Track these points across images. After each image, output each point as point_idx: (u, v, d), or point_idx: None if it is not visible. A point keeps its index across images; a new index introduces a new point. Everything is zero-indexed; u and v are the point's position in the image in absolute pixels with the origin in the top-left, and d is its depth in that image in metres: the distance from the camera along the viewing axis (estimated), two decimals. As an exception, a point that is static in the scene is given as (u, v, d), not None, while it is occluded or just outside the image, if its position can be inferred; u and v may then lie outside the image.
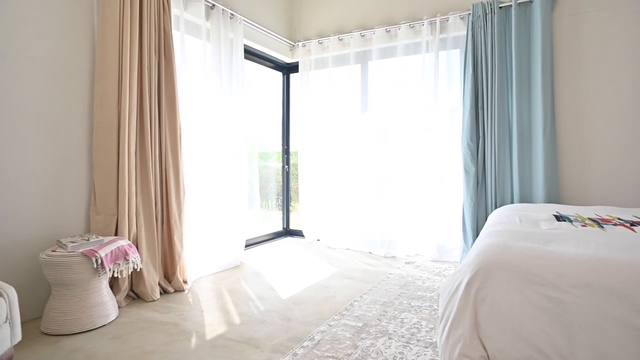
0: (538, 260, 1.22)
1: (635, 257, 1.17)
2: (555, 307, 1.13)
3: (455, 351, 1.20)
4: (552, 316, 1.13)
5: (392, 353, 1.74)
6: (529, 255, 1.25)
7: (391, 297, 2.45)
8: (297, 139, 4.34)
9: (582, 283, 1.13)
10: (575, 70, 3.02)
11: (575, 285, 1.13)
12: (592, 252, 1.24)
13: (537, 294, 1.16)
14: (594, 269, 1.14)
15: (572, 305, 1.11)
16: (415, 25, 3.54)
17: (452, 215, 3.38)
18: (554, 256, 1.23)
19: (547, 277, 1.17)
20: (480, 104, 3.19)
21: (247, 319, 2.15)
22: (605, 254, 1.22)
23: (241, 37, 3.46)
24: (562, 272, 1.17)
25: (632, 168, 2.84)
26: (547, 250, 1.29)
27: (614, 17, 2.88)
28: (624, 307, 1.05)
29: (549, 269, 1.19)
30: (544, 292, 1.16)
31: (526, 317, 1.16)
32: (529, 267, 1.20)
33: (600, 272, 1.13)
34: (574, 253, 1.25)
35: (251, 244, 3.95)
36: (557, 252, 1.27)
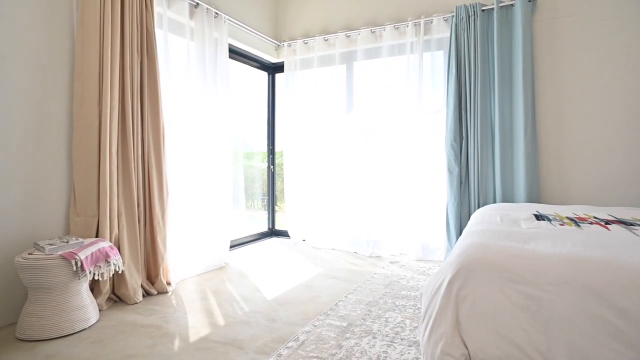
0: (517, 258, 1.25)
1: (608, 255, 1.21)
2: (534, 305, 1.16)
3: (437, 349, 1.22)
4: (530, 313, 1.15)
5: (376, 352, 1.76)
6: (509, 254, 1.27)
7: (376, 297, 2.46)
8: (283, 139, 4.33)
9: (558, 280, 1.15)
10: (554, 73, 3.09)
11: (552, 282, 1.16)
12: (568, 251, 1.28)
13: (516, 291, 1.19)
14: (570, 267, 1.17)
15: (549, 303, 1.14)
16: (399, 26, 3.58)
17: (436, 214, 3.42)
18: (533, 255, 1.26)
19: (526, 275, 1.19)
20: (463, 105, 3.24)
21: (232, 321, 2.14)
22: (581, 252, 1.26)
23: (226, 37, 3.44)
24: (539, 270, 1.19)
25: (609, 168, 2.92)
26: (526, 249, 1.32)
27: (590, 22, 2.96)
28: (598, 303, 1.08)
29: (528, 267, 1.21)
30: (523, 290, 1.18)
31: (505, 315, 1.18)
32: (509, 265, 1.23)
33: (575, 269, 1.16)
34: (551, 251, 1.28)
35: (236, 245, 3.92)
36: (535, 250, 1.29)
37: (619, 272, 1.10)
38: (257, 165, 4.72)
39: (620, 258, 1.18)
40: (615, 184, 2.90)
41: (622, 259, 1.17)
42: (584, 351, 1.06)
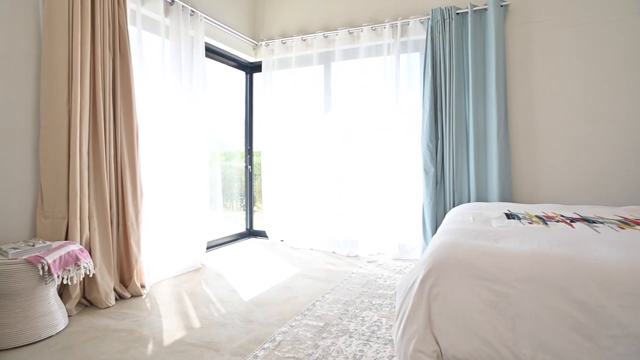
0: (486, 257, 1.28)
1: (571, 252, 1.26)
2: (501, 301, 1.19)
3: (409, 347, 1.24)
4: (498, 309, 1.19)
5: (352, 351, 1.77)
6: (479, 253, 1.31)
7: (353, 296, 2.48)
8: (261, 139, 4.31)
9: (525, 277, 1.19)
10: (525, 75, 3.19)
11: (519, 279, 1.19)
12: (534, 248, 1.32)
13: (485, 289, 1.22)
14: (535, 264, 1.21)
15: (516, 299, 1.18)
16: (377, 27, 3.61)
17: (413, 214, 3.47)
18: (501, 252, 1.30)
19: (494, 272, 1.23)
20: (439, 106, 3.30)
21: (207, 323, 2.11)
22: (546, 249, 1.30)
23: (202, 35, 3.39)
24: (507, 267, 1.23)
25: (576, 168, 3.04)
26: (495, 247, 1.36)
27: (559, 28, 3.07)
28: (560, 298, 1.13)
29: (496, 264, 1.25)
30: (491, 287, 1.21)
31: (475, 312, 1.21)
32: (478, 263, 1.26)
33: (541, 266, 1.20)
34: (519, 249, 1.32)
35: (213, 246, 3.87)
36: (504, 248, 1.33)
37: (580, 268, 1.15)
38: (236, 165, 4.68)
39: (581, 254, 1.23)
40: (582, 183, 3.02)
41: (583, 254, 1.22)
42: (547, 344, 1.10)
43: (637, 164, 2.86)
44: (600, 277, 1.12)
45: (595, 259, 1.19)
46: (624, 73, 2.90)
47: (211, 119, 3.78)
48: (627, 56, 2.89)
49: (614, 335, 1.03)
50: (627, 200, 2.87)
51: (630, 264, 1.11)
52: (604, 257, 1.21)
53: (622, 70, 2.90)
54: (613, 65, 2.93)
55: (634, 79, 2.87)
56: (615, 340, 1.03)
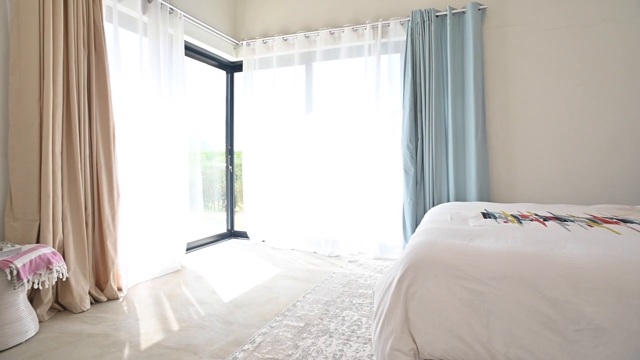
0: (462, 255, 1.31)
1: (543, 250, 1.30)
2: (476, 299, 1.22)
3: (387, 346, 1.25)
4: (473, 307, 1.21)
5: (332, 351, 1.78)
6: (455, 251, 1.33)
7: (333, 296, 2.49)
8: (242, 139, 4.27)
9: (498, 275, 1.22)
10: (502, 78, 3.26)
11: (493, 277, 1.22)
12: (508, 247, 1.35)
13: (461, 287, 1.24)
14: (509, 262, 1.24)
15: (490, 296, 1.20)
16: (358, 28, 3.63)
17: (394, 213, 3.51)
18: (476, 251, 1.33)
19: (469, 271, 1.25)
20: (419, 107, 3.34)
21: (186, 325, 2.08)
22: (519, 247, 1.34)
23: (182, 34, 3.34)
24: (482, 265, 1.26)
25: (551, 168, 3.13)
26: (471, 246, 1.39)
27: (535, 32, 3.16)
28: (532, 294, 1.16)
29: (471, 263, 1.27)
30: (467, 285, 1.24)
31: (451, 310, 1.23)
32: (454, 262, 1.28)
33: (514, 264, 1.23)
34: (493, 248, 1.35)
35: (193, 247, 3.82)
36: (479, 247, 1.36)
37: (550, 265, 1.18)
38: (217, 165, 4.63)
39: (552, 252, 1.27)
40: (556, 183, 3.11)
41: (553, 252, 1.26)
42: (519, 339, 1.13)
43: (608, 164, 2.97)
44: (568, 273, 1.15)
45: (565, 257, 1.23)
46: (595, 76, 3.00)
47: (191, 119, 3.73)
48: (598, 60, 2.99)
49: (580, 329, 1.07)
50: (597, 198, 2.97)
51: (596, 261, 1.15)
52: (572, 254, 1.25)
53: (593, 73, 3.01)
54: (585, 69, 3.03)
55: (605, 82, 2.98)
56: (582, 334, 1.06)
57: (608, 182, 2.97)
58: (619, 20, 2.93)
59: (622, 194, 2.92)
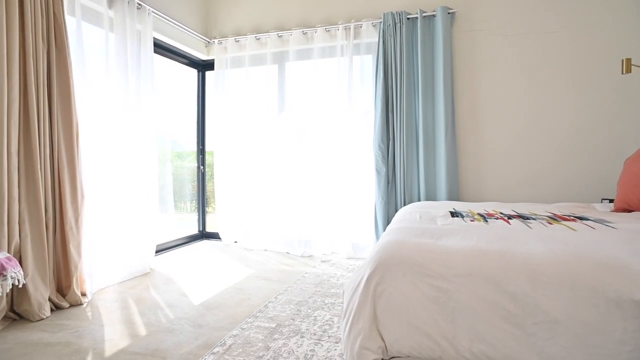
0: (429, 254, 1.33)
1: (505, 247, 1.34)
2: (442, 296, 1.25)
3: (356, 344, 1.26)
4: (439, 304, 1.24)
5: (303, 351, 1.77)
6: (422, 250, 1.36)
7: (305, 296, 2.49)
8: (213, 139, 4.21)
9: (463, 272, 1.25)
10: (470, 80, 3.36)
11: (458, 274, 1.25)
12: (473, 245, 1.39)
13: (428, 285, 1.27)
14: (473, 260, 1.28)
15: (455, 293, 1.23)
16: (330, 29, 3.65)
17: (366, 213, 3.54)
18: (443, 250, 1.36)
19: (436, 269, 1.28)
20: (390, 108, 3.39)
21: (154, 329, 2.03)
22: (483, 245, 1.38)
23: (150, 30, 3.25)
24: (448, 263, 1.29)
25: (516, 168, 3.25)
26: (438, 244, 1.42)
27: (500, 37, 3.27)
28: (494, 290, 1.19)
29: (438, 261, 1.30)
30: (433, 283, 1.26)
31: (418, 307, 1.25)
32: (421, 260, 1.31)
33: (477, 262, 1.27)
34: (459, 246, 1.39)
35: (163, 249, 3.73)
36: (445, 245, 1.39)
37: (511, 261, 1.23)
38: (188, 165, 4.53)
39: (513, 249, 1.31)
40: (521, 182, 3.23)
41: (515, 249, 1.31)
42: (482, 334, 1.17)
43: (567, 164, 3.11)
44: (528, 269, 1.20)
45: (525, 253, 1.28)
46: (558, 81, 3.14)
47: (161, 118, 3.65)
48: (560, 66, 3.13)
49: (538, 322, 1.11)
50: (559, 197, 3.11)
51: (552, 257, 1.20)
52: (532, 251, 1.29)
53: (556, 78, 3.14)
54: (548, 74, 3.16)
55: (566, 86, 3.12)
56: (539, 327, 1.11)
57: (568, 182, 3.11)
58: (575, 29, 3.07)
59: (581, 193, 3.07)
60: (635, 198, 2.08)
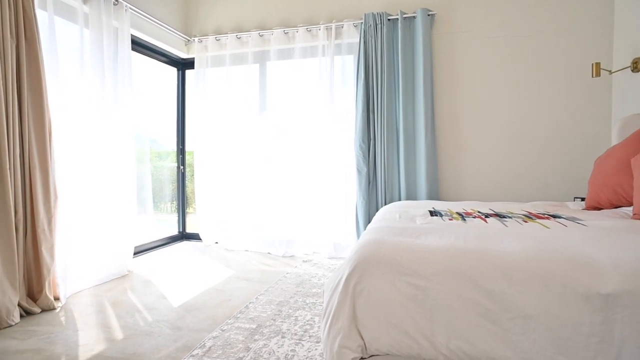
0: (407, 253, 1.35)
1: (482, 245, 1.37)
2: (420, 294, 1.26)
3: (335, 343, 1.26)
4: (417, 302, 1.25)
5: (284, 352, 1.77)
6: (400, 249, 1.37)
7: (287, 296, 2.48)
8: (194, 138, 4.15)
9: (441, 271, 1.27)
10: (450, 81, 3.42)
11: (436, 273, 1.27)
12: (451, 243, 1.41)
13: (406, 283, 1.28)
14: (450, 258, 1.30)
15: (433, 291, 1.25)
16: (312, 29, 3.65)
17: (347, 213, 3.56)
18: (421, 248, 1.37)
19: (414, 267, 1.29)
20: (371, 108, 3.42)
21: (132, 333, 1.98)
22: (460, 243, 1.40)
23: (128, 27, 3.18)
24: (426, 262, 1.30)
25: (494, 168, 3.32)
26: (416, 243, 1.43)
27: (479, 39, 3.34)
28: (471, 288, 1.22)
29: (416, 260, 1.31)
30: (411, 282, 1.28)
31: (396, 306, 1.26)
32: (400, 259, 1.32)
33: (455, 260, 1.29)
34: (437, 244, 1.40)
35: (142, 251, 3.65)
36: (423, 244, 1.41)
37: (488, 259, 1.25)
38: (168, 165, 4.45)
39: (490, 247, 1.34)
40: (498, 181, 3.31)
41: (491, 247, 1.34)
42: (459, 331, 1.19)
43: (542, 164, 3.21)
44: (503, 267, 1.23)
45: (501, 251, 1.31)
46: (531, 83, 3.23)
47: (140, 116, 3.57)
48: (535, 68, 3.22)
49: (512, 318, 1.14)
50: (534, 196, 3.20)
51: (527, 254, 1.23)
52: (507, 249, 1.32)
53: (531, 80, 3.23)
54: (523, 76, 3.24)
55: (541, 89, 3.21)
56: (514, 322, 1.13)
57: (543, 181, 3.20)
58: (549, 33, 3.17)
59: (555, 191, 3.16)
60: (604, 197, 2.16)
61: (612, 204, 2.14)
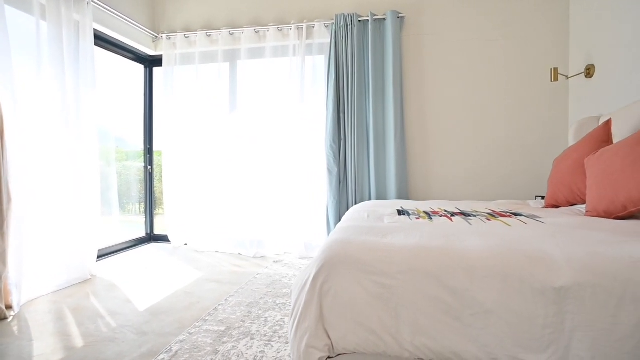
0: (374, 252, 1.36)
1: (446, 243, 1.40)
2: (386, 292, 1.28)
3: (302, 343, 1.26)
4: (383, 301, 1.27)
5: (253, 353, 1.75)
6: (367, 248, 1.38)
7: (257, 297, 2.46)
8: (162, 138, 4.04)
9: (406, 269, 1.29)
10: (418, 83, 3.49)
11: (401, 271, 1.29)
12: (416, 241, 1.44)
13: (372, 282, 1.30)
14: (415, 256, 1.32)
15: (398, 289, 1.27)
16: (283, 28, 3.63)
17: (318, 212, 3.57)
18: (387, 247, 1.39)
19: (380, 266, 1.31)
20: (342, 108, 3.44)
21: (93, 340, 1.91)
22: (426, 242, 1.43)
23: (90, 21, 3.06)
24: (392, 260, 1.32)
25: (460, 168, 3.42)
26: (382, 242, 1.45)
27: (446, 42, 3.43)
28: (435, 285, 1.24)
29: (382, 259, 1.33)
30: (377, 280, 1.29)
31: (363, 305, 1.27)
32: (366, 258, 1.33)
33: (420, 258, 1.31)
34: (403, 243, 1.43)
35: (107, 254, 3.52)
36: (390, 243, 1.43)
37: (451, 257, 1.28)
38: (135, 165, 4.31)
39: (454, 245, 1.37)
40: (465, 181, 3.41)
41: (455, 245, 1.37)
42: (424, 328, 1.21)
43: (505, 164, 3.33)
44: (466, 264, 1.26)
45: (464, 249, 1.34)
46: (497, 86, 3.34)
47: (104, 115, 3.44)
48: (499, 72, 3.33)
49: (474, 313, 1.17)
50: (499, 194, 3.31)
51: (488, 251, 1.28)
52: (470, 246, 1.36)
53: (495, 83, 3.35)
54: (488, 79, 3.36)
55: (504, 91, 3.33)
56: (475, 318, 1.17)
57: (507, 180, 3.32)
58: (511, 38, 3.29)
59: (518, 190, 3.29)
60: (562, 195, 2.27)
61: (568, 201, 2.25)
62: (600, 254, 1.16)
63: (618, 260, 1.12)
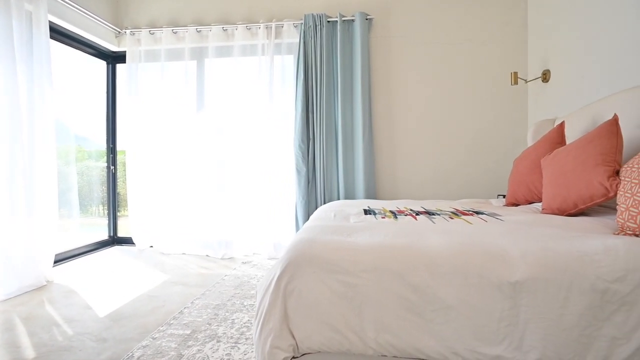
0: (338, 251, 1.37)
1: (410, 241, 1.43)
2: (350, 291, 1.28)
3: (266, 344, 1.24)
4: (347, 299, 1.28)
5: (219, 356, 1.72)
6: (332, 247, 1.38)
7: (224, 299, 2.42)
8: (126, 137, 3.90)
9: (370, 267, 1.30)
10: (386, 84, 3.55)
11: (365, 270, 1.30)
12: (381, 240, 1.46)
13: (336, 281, 1.30)
14: (379, 255, 1.34)
15: (362, 288, 1.28)
16: (252, 27, 3.59)
17: (287, 213, 3.55)
18: (352, 246, 1.40)
19: (344, 265, 1.31)
20: (310, 108, 3.44)
21: (47, 350, 1.81)
22: (390, 240, 1.45)
23: (45, 12, 2.91)
24: (356, 259, 1.33)
25: (427, 168, 3.50)
26: (347, 241, 1.46)
27: (413, 44, 3.50)
28: (398, 283, 1.26)
29: (347, 258, 1.34)
30: (342, 279, 1.30)
31: (327, 304, 1.28)
32: (331, 258, 1.34)
33: (383, 256, 1.33)
34: (367, 242, 1.44)
35: (66, 258, 3.36)
36: (354, 242, 1.44)
37: (414, 255, 1.31)
38: (97, 165, 4.14)
39: (417, 243, 1.40)
40: (430, 180, 3.49)
41: (418, 243, 1.40)
42: (388, 325, 1.23)
43: (469, 164, 3.44)
44: (428, 261, 1.29)
45: (426, 247, 1.37)
46: (460, 88, 3.45)
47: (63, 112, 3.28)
48: (463, 74, 3.44)
49: (435, 309, 1.20)
50: (464, 193, 3.42)
51: (449, 248, 1.31)
52: (432, 244, 1.39)
53: (459, 85, 3.45)
54: (452, 81, 3.46)
55: (467, 93, 3.44)
56: (436, 313, 1.20)
57: (470, 179, 3.44)
58: (477, 41, 3.41)
59: (481, 189, 3.41)
60: (521, 194, 2.37)
61: (527, 200, 2.35)
62: (552, 249, 1.22)
63: (567, 254, 1.18)
